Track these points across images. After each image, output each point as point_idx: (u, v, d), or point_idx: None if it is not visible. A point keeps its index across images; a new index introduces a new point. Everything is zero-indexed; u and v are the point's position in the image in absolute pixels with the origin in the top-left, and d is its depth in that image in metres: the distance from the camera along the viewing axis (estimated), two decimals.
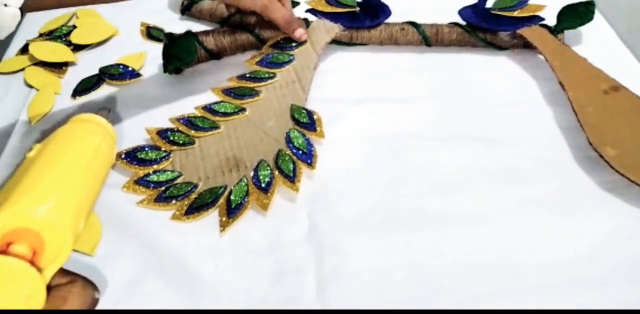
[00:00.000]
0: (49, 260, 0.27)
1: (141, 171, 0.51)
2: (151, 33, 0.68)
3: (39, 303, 0.26)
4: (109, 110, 0.42)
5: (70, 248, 0.28)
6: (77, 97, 0.60)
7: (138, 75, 0.62)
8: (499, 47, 0.62)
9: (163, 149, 0.52)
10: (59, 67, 0.64)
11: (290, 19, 0.58)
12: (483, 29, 0.61)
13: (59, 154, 0.31)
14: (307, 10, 0.63)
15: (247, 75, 0.58)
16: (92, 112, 0.39)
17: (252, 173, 0.49)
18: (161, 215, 0.48)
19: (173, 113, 0.55)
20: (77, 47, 0.66)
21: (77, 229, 0.29)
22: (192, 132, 0.53)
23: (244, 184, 0.49)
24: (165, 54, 0.59)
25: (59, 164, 0.30)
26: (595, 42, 0.62)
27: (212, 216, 0.48)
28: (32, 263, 0.26)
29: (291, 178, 0.48)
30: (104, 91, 0.61)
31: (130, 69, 0.62)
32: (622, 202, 0.47)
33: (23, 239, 0.26)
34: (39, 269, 0.26)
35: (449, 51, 0.62)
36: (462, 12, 0.62)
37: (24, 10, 0.46)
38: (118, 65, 0.63)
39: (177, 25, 0.68)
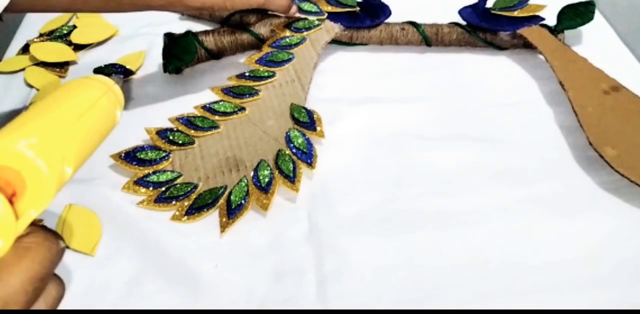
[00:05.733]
0: (27, 205, 0.24)
1: (141, 172, 0.51)
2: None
3: (1, 251, 0.23)
4: (121, 76, 0.40)
5: (51, 194, 0.25)
6: None
7: (132, 73, 0.62)
8: (499, 47, 0.62)
9: (163, 149, 0.52)
10: (60, 67, 0.64)
11: (289, 5, 0.58)
12: (483, 29, 0.61)
13: (52, 101, 0.30)
14: None
15: (247, 74, 0.58)
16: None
17: (252, 173, 0.49)
18: (161, 216, 0.48)
19: (172, 113, 0.55)
20: (77, 47, 0.66)
21: (61, 176, 0.26)
22: (192, 132, 0.53)
23: (244, 184, 0.49)
24: (165, 54, 0.59)
25: (50, 110, 0.28)
26: (595, 42, 0.62)
27: (212, 217, 0.48)
28: (10, 202, 0.23)
29: (291, 178, 0.48)
30: None
31: (124, 68, 0.62)
32: (622, 202, 0.47)
33: (2, 177, 0.23)
34: (16, 215, 0.23)
35: (449, 51, 0.62)
36: (462, 12, 0.62)
37: None
38: (114, 65, 0.62)
39: (177, 25, 0.68)
